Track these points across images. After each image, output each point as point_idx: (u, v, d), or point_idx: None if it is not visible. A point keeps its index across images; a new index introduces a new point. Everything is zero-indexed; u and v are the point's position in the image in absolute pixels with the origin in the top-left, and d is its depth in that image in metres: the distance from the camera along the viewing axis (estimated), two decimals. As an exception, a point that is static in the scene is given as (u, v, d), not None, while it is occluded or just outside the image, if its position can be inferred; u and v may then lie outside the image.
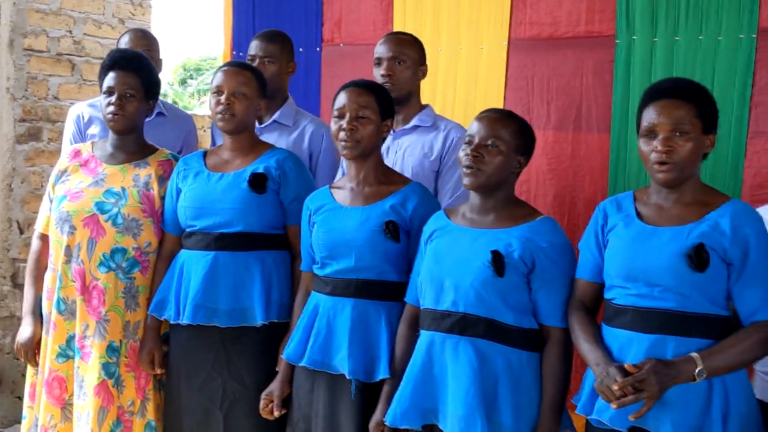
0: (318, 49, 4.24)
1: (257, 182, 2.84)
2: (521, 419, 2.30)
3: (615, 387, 2.03)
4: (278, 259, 2.91)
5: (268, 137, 3.28)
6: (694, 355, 2.05)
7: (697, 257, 2.09)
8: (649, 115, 2.19)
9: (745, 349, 2.10)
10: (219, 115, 2.89)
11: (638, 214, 2.25)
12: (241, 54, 4.38)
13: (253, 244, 2.87)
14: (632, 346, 2.14)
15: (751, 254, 2.10)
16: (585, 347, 2.23)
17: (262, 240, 2.88)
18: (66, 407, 2.91)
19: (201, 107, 14.84)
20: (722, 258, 2.11)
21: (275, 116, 3.47)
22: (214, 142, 3.63)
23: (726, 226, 2.11)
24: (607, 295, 2.27)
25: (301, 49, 4.00)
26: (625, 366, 2.06)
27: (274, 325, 2.83)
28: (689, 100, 2.17)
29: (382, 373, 2.53)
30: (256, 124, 3.38)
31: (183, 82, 16.56)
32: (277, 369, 2.80)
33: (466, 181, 2.40)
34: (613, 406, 2.04)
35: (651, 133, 2.17)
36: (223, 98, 2.87)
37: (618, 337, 2.19)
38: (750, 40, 3.16)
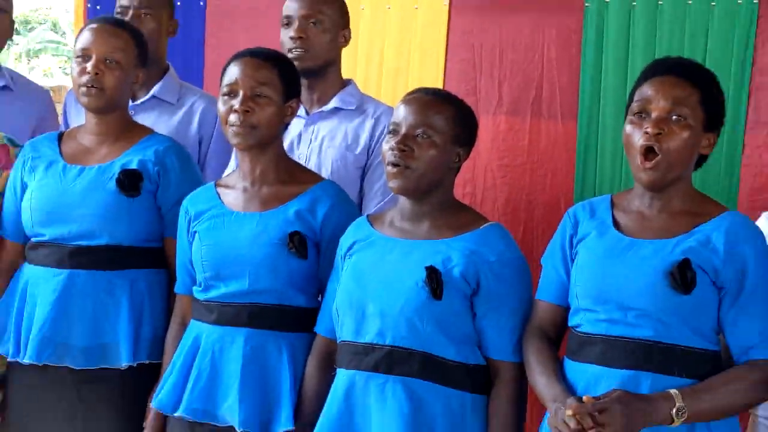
0: (201, 2, 4.26)
1: (129, 181, 2.85)
2: None
3: (569, 413, 2.06)
4: (153, 280, 2.95)
5: (144, 118, 3.29)
6: (673, 391, 2.12)
7: (681, 276, 2.16)
8: (644, 92, 2.27)
9: (736, 390, 2.17)
10: (84, 89, 2.87)
11: (615, 223, 2.33)
12: (98, 7, 4.38)
13: (121, 261, 2.90)
14: (600, 383, 2.19)
15: (749, 277, 2.19)
16: (541, 382, 2.28)
17: (132, 255, 2.91)
18: None
19: (31, 74, 14.58)
20: (712, 280, 2.19)
21: (154, 91, 3.47)
22: (66, 123, 3.60)
23: (719, 242, 2.20)
24: (572, 322, 2.34)
25: (179, 3, 4.03)
26: (584, 398, 2.10)
27: (143, 367, 2.87)
28: (696, 83, 2.25)
29: (284, 424, 2.56)
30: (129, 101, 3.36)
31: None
32: (145, 423, 2.83)
33: (392, 183, 2.44)
34: None
35: (642, 112, 2.24)
36: (90, 66, 2.85)
37: (583, 374, 2.24)
38: (750, 6, 3.29)
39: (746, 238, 2.23)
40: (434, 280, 2.36)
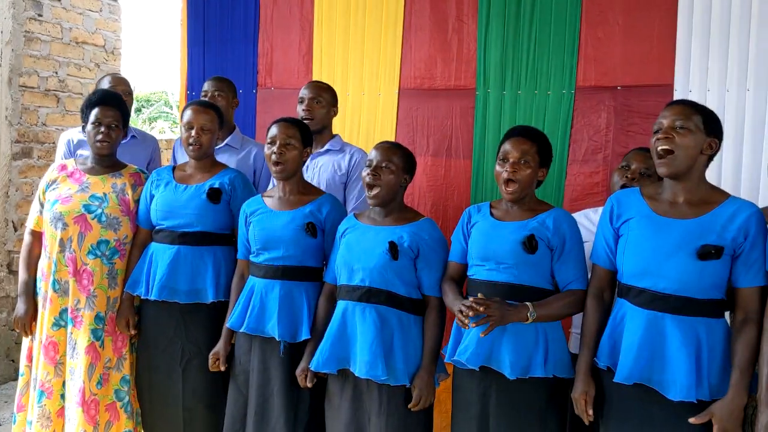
0: (254, 91, 4.18)
1: (214, 195, 2.82)
2: (409, 363, 2.37)
3: (471, 299, 2.16)
4: (226, 252, 2.88)
5: (221, 157, 3.25)
6: (528, 303, 2.19)
7: (529, 243, 2.22)
8: (505, 147, 2.30)
9: (562, 305, 2.24)
10: (190, 146, 2.84)
11: (492, 215, 2.36)
12: (193, 93, 4.29)
13: (208, 241, 2.84)
14: None
15: (567, 244, 2.25)
16: (450, 298, 2.33)
17: (214, 238, 2.85)
18: (58, 365, 2.88)
19: (152, 131, 14.48)
20: (547, 246, 2.24)
21: (227, 141, 3.41)
22: (175, 160, 3.53)
23: (550, 224, 2.25)
24: (469, 273, 2.36)
25: (241, 91, 3.95)
26: (478, 296, 2.19)
27: (221, 303, 2.81)
28: (534, 140, 2.29)
29: (304, 335, 2.55)
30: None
31: (138, 110, 16.10)
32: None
33: (370, 200, 2.46)
34: (469, 320, 2.15)
35: (504, 159, 2.28)
36: (193, 132, 2.83)
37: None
38: (570, 95, 3.31)
39: (566, 221, 2.28)
40: (393, 249, 2.38)
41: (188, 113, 2.89)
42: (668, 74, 3.11)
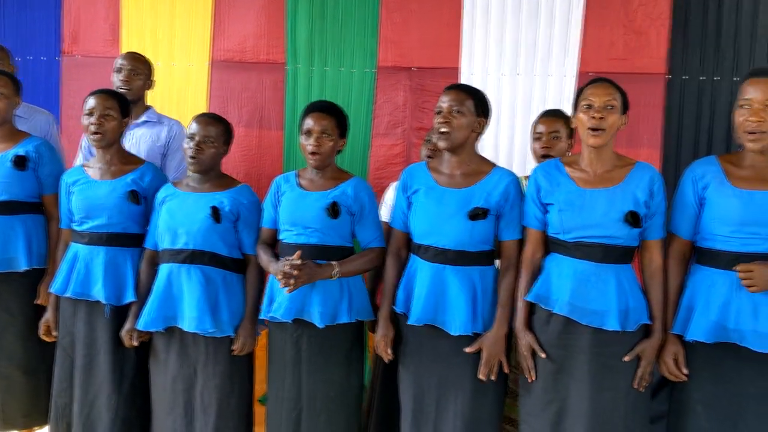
0: (57, 58, 4.07)
1: (20, 162, 2.79)
2: (234, 316, 2.55)
3: (287, 263, 2.35)
4: (37, 221, 2.88)
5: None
6: (333, 262, 2.43)
7: (332, 210, 2.45)
8: (308, 122, 2.48)
9: (363, 261, 2.50)
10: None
11: (299, 184, 2.55)
12: None
13: (17, 209, 2.82)
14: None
15: (365, 209, 2.51)
16: (265, 260, 2.51)
17: (24, 206, 2.84)
18: None
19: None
20: (348, 211, 2.49)
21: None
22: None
23: (350, 192, 2.48)
24: (280, 237, 2.55)
25: (43, 58, 3.88)
26: (295, 259, 2.37)
27: (35, 270, 2.83)
28: (333, 115, 2.51)
29: (130, 297, 2.64)
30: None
31: None
32: (36, 302, 2.82)
33: (191, 167, 2.57)
34: (282, 281, 2.35)
35: (308, 133, 2.47)
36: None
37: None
38: (372, 74, 3.63)
39: (363, 189, 2.52)
40: (216, 213, 2.52)
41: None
42: (455, 58, 3.53)
